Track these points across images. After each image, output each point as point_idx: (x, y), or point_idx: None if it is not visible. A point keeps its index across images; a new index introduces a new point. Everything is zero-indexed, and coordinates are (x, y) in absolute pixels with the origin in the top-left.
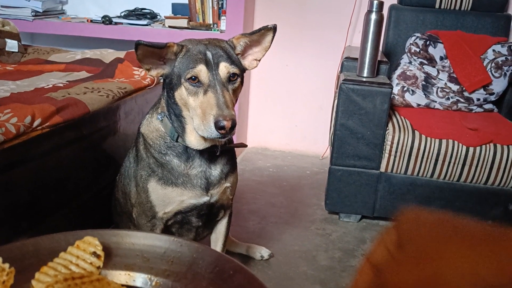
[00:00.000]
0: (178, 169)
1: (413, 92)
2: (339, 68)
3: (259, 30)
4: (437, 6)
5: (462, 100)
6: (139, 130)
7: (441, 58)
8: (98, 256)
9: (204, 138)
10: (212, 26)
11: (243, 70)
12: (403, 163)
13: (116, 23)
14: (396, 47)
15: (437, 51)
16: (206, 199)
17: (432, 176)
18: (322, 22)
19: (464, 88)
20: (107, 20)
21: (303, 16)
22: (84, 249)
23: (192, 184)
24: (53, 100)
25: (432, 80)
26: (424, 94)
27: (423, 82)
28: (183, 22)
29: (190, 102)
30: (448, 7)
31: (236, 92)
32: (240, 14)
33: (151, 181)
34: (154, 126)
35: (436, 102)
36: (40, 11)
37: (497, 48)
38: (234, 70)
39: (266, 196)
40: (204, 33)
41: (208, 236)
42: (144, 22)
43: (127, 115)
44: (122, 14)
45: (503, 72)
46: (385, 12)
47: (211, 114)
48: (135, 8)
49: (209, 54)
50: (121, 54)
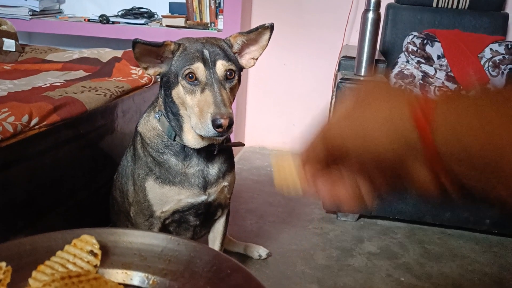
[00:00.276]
0: (175, 168)
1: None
2: (337, 67)
3: (256, 28)
4: (434, 5)
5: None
6: (137, 129)
7: (438, 57)
8: (95, 255)
9: (201, 137)
10: (209, 25)
11: (240, 68)
12: None
13: (113, 22)
14: (393, 46)
15: (434, 50)
16: (203, 198)
17: None
18: (320, 21)
19: (461, 87)
20: (104, 19)
21: (300, 15)
22: (81, 247)
23: (190, 183)
24: (50, 99)
25: (430, 79)
26: (422, 93)
27: (421, 81)
28: (181, 21)
29: (187, 101)
30: (446, 6)
31: (233, 90)
32: (238, 13)
33: (149, 180)
34: (151, 125)
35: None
36: (38, 10)
37: (494, 47)
38: (231, 67)
39: (263, 195)
40: (202, 32)
41: (205, 235)
42: (142, 21)
43: (124, 114)
44: (120, 13)
45: (500, 71)
46: (382, 10)
47: (208, 113)
48: (133, 7)
49: (206, 52)
50: (118, 53)
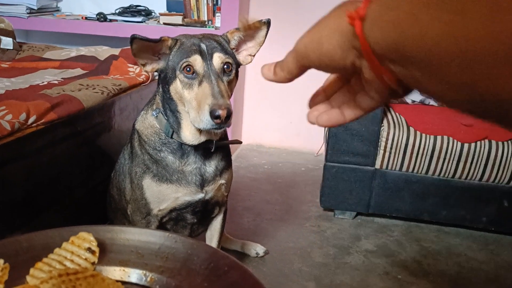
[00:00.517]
0: (172, 165)
1: None
2: None
3: (249, 26)
4: None
5: None
6: (134, 126)
7: None
8: (93, 252)
9: (199, 132)
10: (207, 23)
11: (238, 64)
12: (398, 160)
13: (110, 20)
14: None
15: None
16: (201, 196)
17: (427, 172)
18: (317, 18)
19: None
20: (101, 17)
21: (298, 13)
22: (79, 245)
23: (187, 181)
24: (47, 97)
25: None
26: None
27: None
28: (178, 19)
29: (185, 95)
30: None
31: (231, 84)
32: (235, 11)
33: (146, 178)
34: (149, 123)
35: (431, 98)
36: (35, 8)
37: None
38: (228, 60)
39: (261, 193)
40: (199, 30)
41: (203, 233)
42: (139, 19)
43: (121, 112)
44: (117, 11)
45: None
46: None
47: (206, 104)
48: (130, 5)
49: (203, 46)
50: (115, 51)
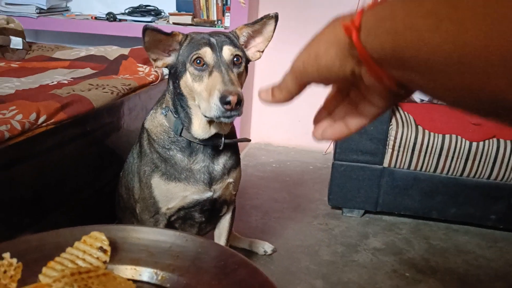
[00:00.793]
0: (181, 163)
1: None
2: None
3: (261, 19)
4: None
5: None
6: (143, 125)
7: None
8: (105, 251)
9: (209, 125)
10: (216, 22)
11: (247, 59)
12: (406, 158)
13: (120, 20)
14: None
15: None
16: (209, 194)
17: (435, 171)
18: (326, 17)
19: None
20: (111, 17)
21: (307, 12)
22: (91, 244)
23: (195, 179)
24: (58, 97)
25: None
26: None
27: None
28: (188, 19)
29: (195, 88)
30: None
31: (241, 77)
32: (244, 10)
33: (155, 176)
34: (158, 121)
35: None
36: (45, 8)
37: None
38: (238, 53)
39: (269, 192)
40: (208, 29)
41: (211, 231)
42: (148, 19)
43: (131, 111)
44: (127, 11)
45: None
46: None
47: (216, 90)
48: (139, 5)
49: (213, 40)
50: (125, 51)
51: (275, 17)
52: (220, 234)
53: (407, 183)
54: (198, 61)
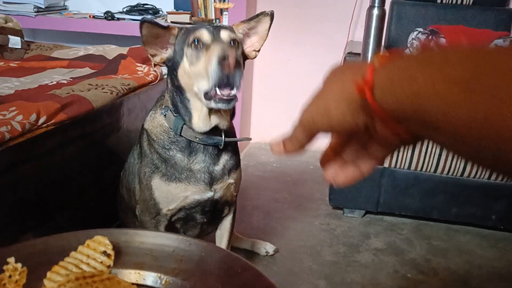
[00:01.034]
0: (181, 163)
1: None
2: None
3: (257, 15)
4: (439, 1)
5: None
6: (143, 126)
7: None
8: (109, 255)
9: (209, 116)
10: (214, 21)
11: (244, 53)
12: (406, 158)
13: (118, 19)
14: (398, 42)
15: None
16: (210, 194)
17: (435, 171)
18: (324, 17)
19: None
20: (109, 16)
21: (305, 11)
22: (95, 248)
23: (196, 179)
24: (57, 97)
25: None
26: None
27: None
28: (185, 18)
29: (194, 70)
30: (450, 2)
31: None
32: (242, 9)
33: (155, 178)
34: (158, 122)
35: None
36: (42, 7)
37: (499, 42)
38: (235, 37)
39: (269, 192)
40: None
41: (213, 232)
42: (147, 17)
43: (130, 112)
44: (125, 10)
45: None
46: (387, 7)
47: (214, 56)
48: (137, 4)
49: (209, 26)
50: (124, 50)
51: (271, 15)
52: (222, 235)
53: (407, 183)
54: (196, 41)
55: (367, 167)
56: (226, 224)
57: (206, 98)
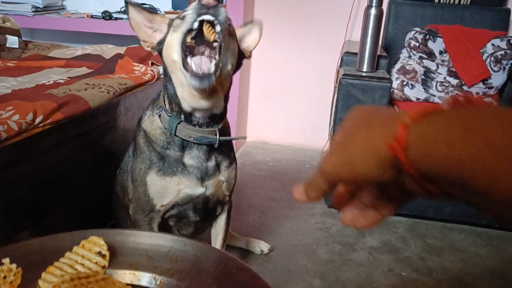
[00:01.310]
0: (175, 158)
1: (412, 86)
2: (339, 63)
3: (245, 24)
4: (436, 0)
5: (461, 94)
6: (140, 126)
7: (440, 52)
8: (104, 256)
9: (195, 85)
10: None
11: (239, 47)
12: None
13: (116, 19)
14: (395, 41)
15: (436, 45)
16: (201, 190)
17: None
18: (322, 16)
19: (463, 82)
20: (107, 16)
21: (303, 10)
22: (90, 248)
23: (188, 172)
24: (54, 97)
25: (432, 74)
26: (424, 88)
27: (423, 76)
28: None
29: (175, 36)
30: (447, 1)
31: (226, 39)
32: (240, 8)
33: (150, 173)
34: (157, 124)
35: (435, 96)
36: (40, 6)
37: (496, 42)
38: (229, 17)
39: (265, 190)
40: None
41: (207, 229)
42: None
43: (127, 111)
44: (122, 10)
45: (502, 66)
46: (384, 6)
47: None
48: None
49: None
50: (121, 50)
51: (259, 25)
52: (217, 234)
53: None
54: (182, 15)
55: (388, 211)
56: (220, 222)
57: (184, 66)
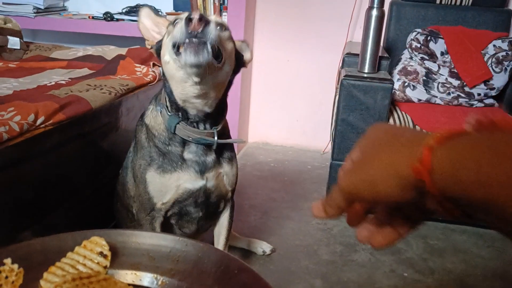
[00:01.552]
0: (175, 154)
1: (414, 87)
2: (340, 64)
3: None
4: (438, 2)
5: (463, 95)
6: (143, 120)
7: (442, 54)
8: (105, 256)
9: (191, 84)
10: None
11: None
12: None
13: (117, 20)
14: (397, 42)
15: (438, 47)
16: (201, 183)
17: None
18: (324, 17)
19: (465, 83)
20: (108, 17)
21: (304, 11)
22: (91, 249)
23: (187, 166)
24: (56, 98)
25: (433, 75)
26: (425, 90)
27: (424, 78)
28: None
29: (169, 41)
30: (449, 3)
31: (223, 43)
32: (242, 9)
33: (150, 170)
34: (160, 119)
35: (437, 97)
36: (42, 7)
37: (497, 43)
38: (223, 23)
39: (267, 191)
40: None
41: (211, 228)
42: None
43: (129, 112)
44: (124, 11)
45: (503, 67)
46: (386, 7)
47: (184, 15)
48: (137, 4)
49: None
50: (123, 51)
51: (246, 43)
52: (219, 233)
53: None
54: (177, 21)
55: (406, 229)
56: (223, 221)
57: (176, 55)
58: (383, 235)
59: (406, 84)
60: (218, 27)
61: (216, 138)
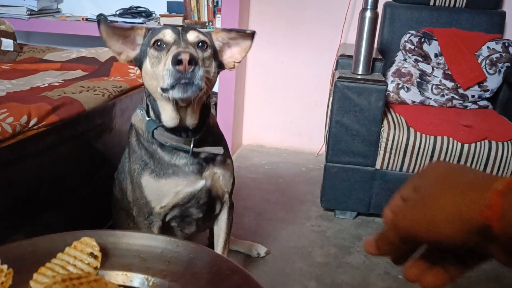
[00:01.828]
0: (165, 159)
1: (408, 89)
2: (334, 66)
3: (238, 31)
4: (431, 4)
5: (457, 97)
6: (131, 122)
7: (435, 55)
8: (96, 257)
9: (177, 111)
10: (207, 24)
11: (217, 56)
12: (398, 160)
13: (111, 22)
14: (391, 44)
15: (431, 48)
16: (202, 183)
17: None
18: (317, 19)
19: (458, 85)
20: (102, 19)
21: (298, 13)
22: (82, 249)
23: (184, 172)
24: (49, 99)
25: (427, 77)
26: (419, 91)
27: (418, 79)
28: (178, 20)
29: (155, 72)
30: (443, 5)
31: (206, 63)
32: (235, 11)
33: (144, 174)
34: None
35: (431, 99)
36: (36, 9)
37: (491, 45)
38: (205, 39)
39: (261, 193)
40: None
41: (209, 227)
42: (139, 20)
43: (122, 113)
44: (117, 13)
45: (497, 69)
46: (380, 9)
47: (170, 56)
48: (130, 6)
49: (176, 28)
50: None
51: (252, 35)
52: (218, 235)
53: (399, 185)
54: (159, 43)
55: (456, 271)
56: (221, 224)
57: (163, 90)
58: (434, 275)
59: (400, 86)
60: (200, 44)
61: (192, 146)
